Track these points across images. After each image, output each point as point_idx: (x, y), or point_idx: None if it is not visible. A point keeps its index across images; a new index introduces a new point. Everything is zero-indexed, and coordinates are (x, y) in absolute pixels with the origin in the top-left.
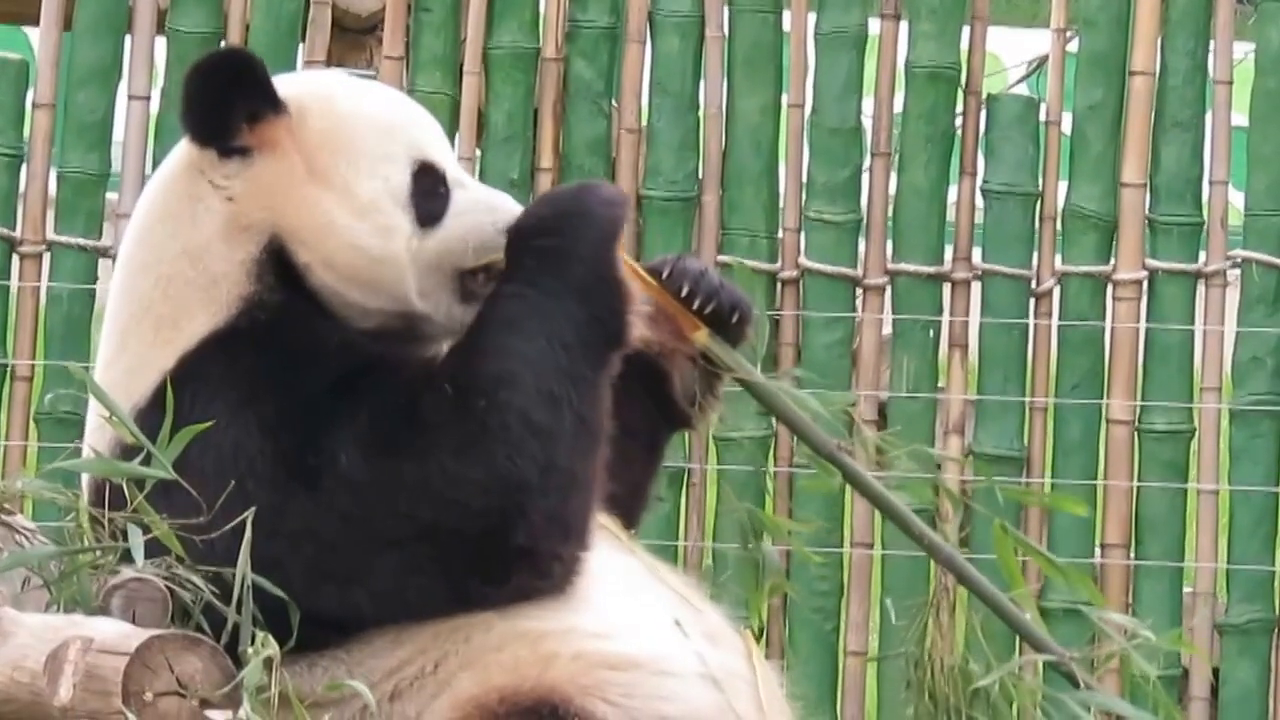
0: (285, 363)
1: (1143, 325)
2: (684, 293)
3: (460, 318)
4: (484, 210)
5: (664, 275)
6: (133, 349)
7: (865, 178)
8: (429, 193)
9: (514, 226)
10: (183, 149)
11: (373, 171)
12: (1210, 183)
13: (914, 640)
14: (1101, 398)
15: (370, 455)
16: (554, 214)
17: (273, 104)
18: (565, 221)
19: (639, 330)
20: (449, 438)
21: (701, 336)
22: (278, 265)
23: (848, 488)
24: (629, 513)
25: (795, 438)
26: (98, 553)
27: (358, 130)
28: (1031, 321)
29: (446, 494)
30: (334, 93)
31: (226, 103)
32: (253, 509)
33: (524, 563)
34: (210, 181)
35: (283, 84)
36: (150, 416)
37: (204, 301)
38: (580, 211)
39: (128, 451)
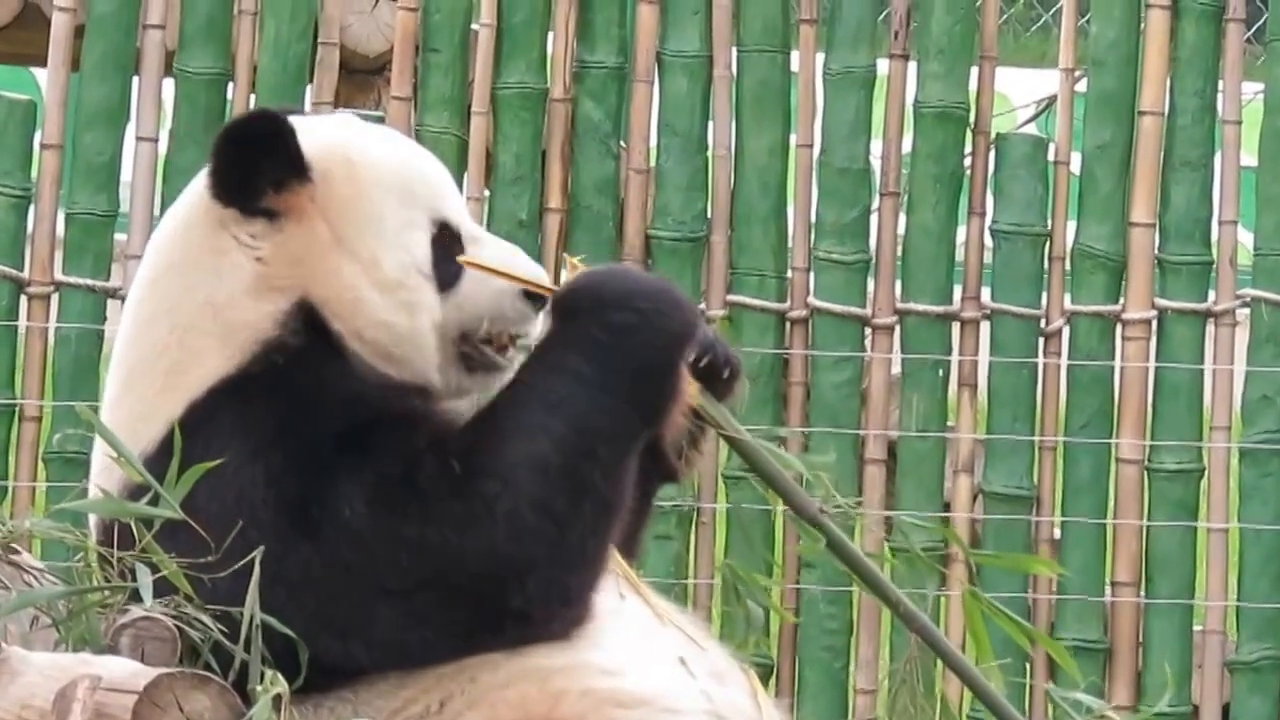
0: (295, 412)
1: (1152, 364)
2: None
3: (464, 386)
4: (499, 277)
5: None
6: (138, 393)
7: (874, 218)
8: (447, 256)
9: (577, 285)
10: (199, 197)
11: (397, 242)
12: (1219, 222)
13: (885, 708)
14: (1111, 437)
15: (373, 510)
16: (632, 290)
17: (299, 172)
18: (646, 302)
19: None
20: (450, 513)
21: (693, 391)
22: (308, 317)
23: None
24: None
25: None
26: (106, 592)
27: (380, 197)
28: (1041, 361)
29: (444, 557)
30: (356, 156)
31: (253, 166)
32: (261, 548)
33: (521, 622)
34: (234, 237)
35: (305, 142)
36: (159, 463)
37: (217, 348)
38: (665, 298)
39: (135, 492)
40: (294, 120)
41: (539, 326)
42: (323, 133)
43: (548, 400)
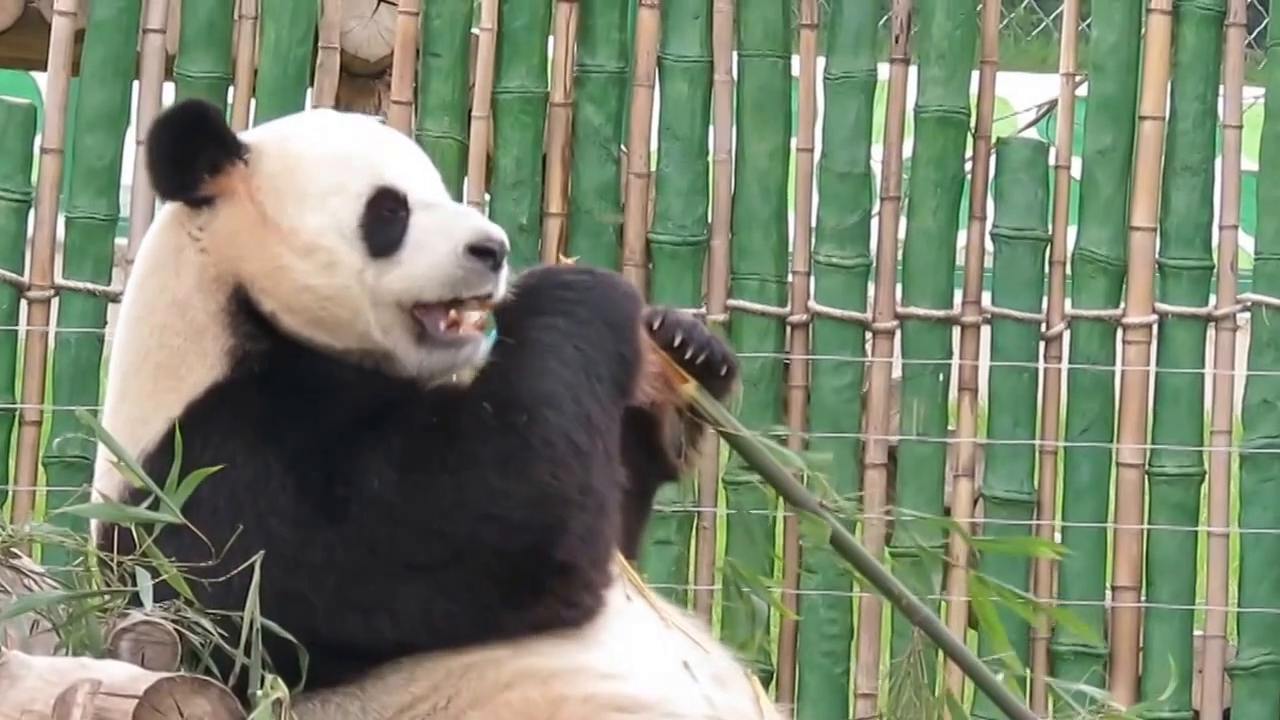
0: (298, 400)
1: (1153, 369)
2: (675, 344)
3: (420, 363)
4: (441, 237)
5: (655, 327)
6: (133, 398)
7: (875, 222)
8: (384, 220)
9: (542, 270)
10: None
11: (319, 207)
12: (1220, 227)
13: (889, 705)
14: (1112, 441)
15: (406, 473)
16: (585, 269)
17: (231, 152)
18: (599, 274)
19: (645, 389)
20: (491, 452)
21: (690, 388)
22: (249, 313)
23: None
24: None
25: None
26: (106, 596)
27: (307, 167)
28: (1041, 365)
29: (487, 509)
30: (292, 133)
31: (187, 155)
32: (262, 552)
33: (560, 580)
34: (189, 233)
35: (255, 130)
36: (160, 463)
37: (197, 353)
38: (612, 276)
39: (136, 496)
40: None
41: (500, 288)
42: (276, 123)
43: (539, 351)
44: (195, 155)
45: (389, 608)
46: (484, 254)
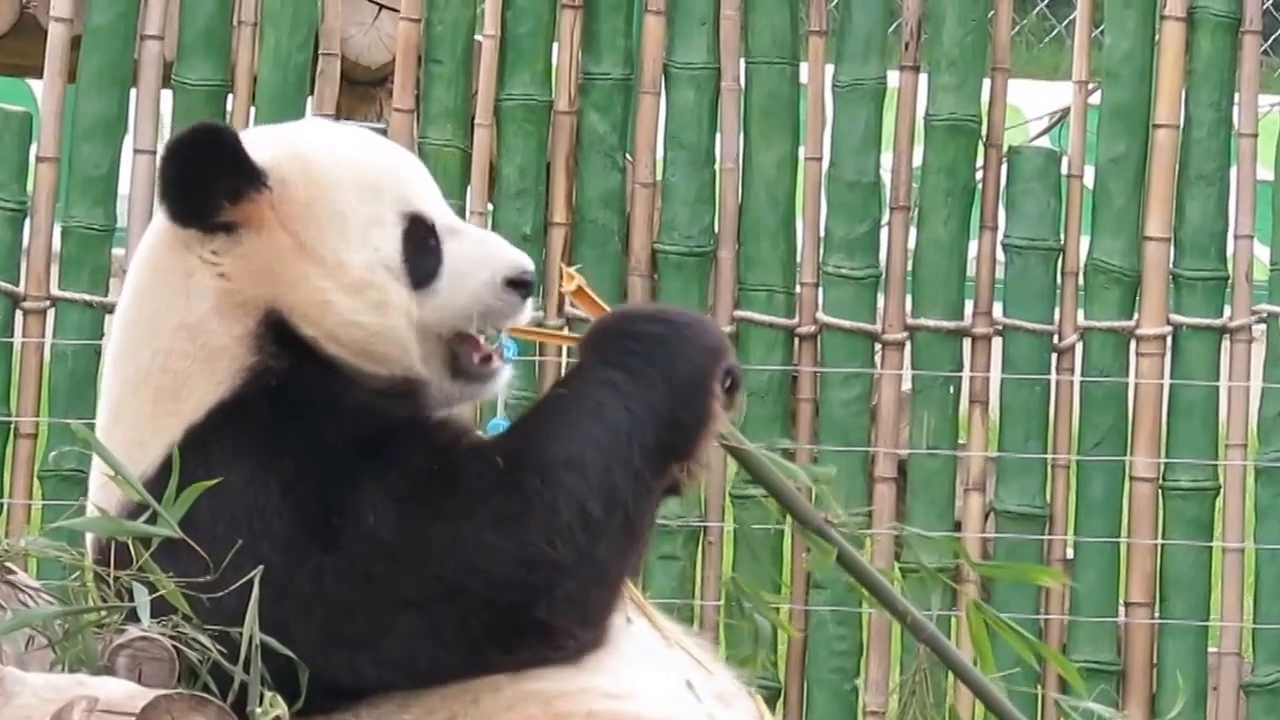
0: (303, 425)
1: (1167, 381)
2: None
3: (449, 393)
4: (480, 268)
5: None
6: (130, 420)
7: (884, 232)
8: (421, 249)
9: (618, 313)
10: (164, 220)
11: (363, 241)
12: (1235, 237)
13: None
14: (1125, 454)
15: (403, 511)
16: (663, 316)
17: (251, 179)
18: (676, 322)
19: (709, 449)
20: (488, 508)
21: None
22: (280, 335)
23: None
24: None
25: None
26: (103, 612)
27: (341, 195)
28: (1054, 377)
29: (475, 560)
30: (312, 156)
31: (204, 182)
32: (262, 566)
33: (539, 636)
34: (199, 257)
35: (257, 148)
36: (158, 488)
37: (206, 374)
38: (697, 320)
39: (133, 512)
40: (253, 130)
41: (528, 315)
42: (278, 137)
43: (585, 407)
44: (213, 180)
45: (375, 645)
46: (520, 285)
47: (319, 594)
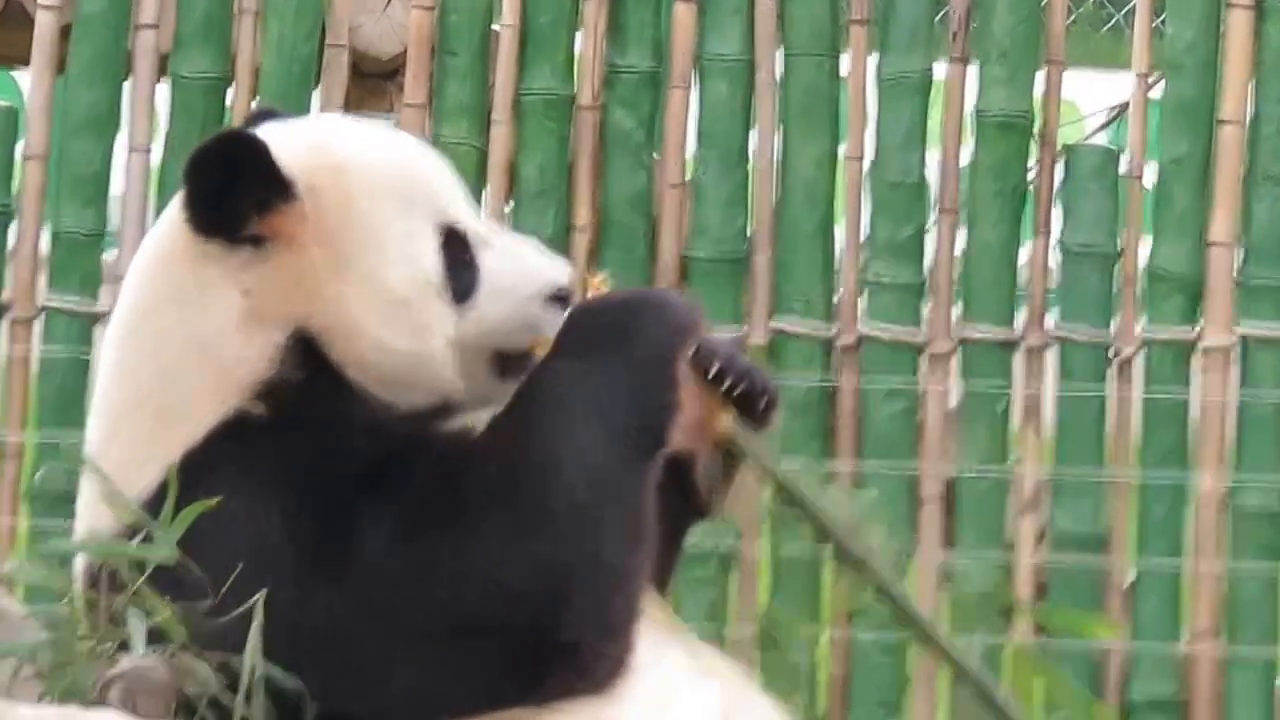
0: (306, 449)
1: (1233, 395)
2: (712, 373)
3: (497, 393)
4: (522, 281)
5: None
6: (125, 442)
7: (930, 235)
8: (458, 263)
9: (581, 304)
10: (179, 227)
11: (402, 255)
12: None
13: None
14: (1188, 473)
15: (404, 539)
16: (626, 295)
17: (281, 191)
18: (638, 301)
19: (681, 436)
20: (491, 519)
21: (726, 421)
22: (303, 352)
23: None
24: None
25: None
26: (95, 640)
27: (376, 206)
28: (1112, 391)
29: (486, 579)
30: (343, 162)
31: (232, 193)
32: (264, 591)
33: (565, 659)
34: (220, 271)
35: (282, 152)
36: (155, 509)
37: (212, 390)
38: (658, 300)
39: (126, 537)
40: (269, 129)
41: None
42: (303, 141)
43: (545, 396)
44: (241, 192)
45: (387, 682)
46: (561, 300)
47: (327, 629)
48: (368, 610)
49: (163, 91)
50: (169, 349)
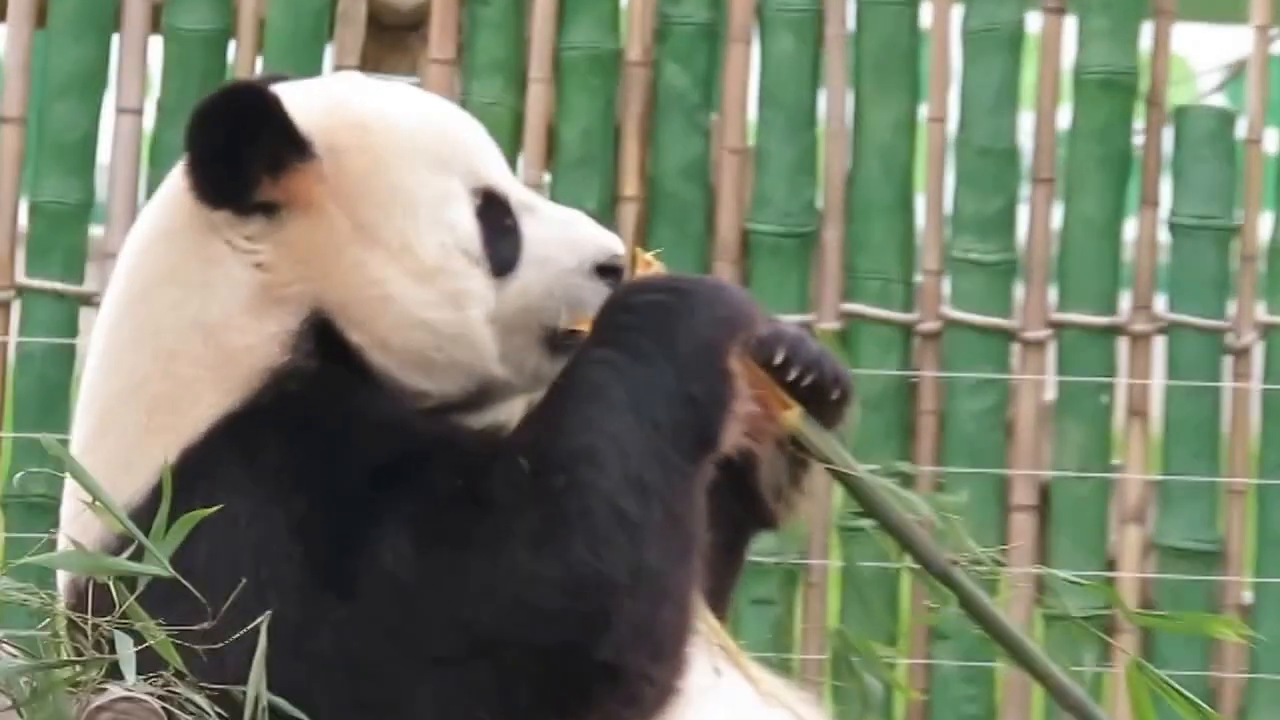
0: (318, 448)
1: None
2: (777, 362)
3: (546, 373)
4: (566, 253)
5: (750, 342)
6: (117, 437)
7: (1023, 209)
8: (497, 230)
9: (622, 287)
10: (182, 195)
11: (435, 219)
12: None
13: None
14: None
15: (423, 549)
16: (674, 277)
17: (298, 149)
18: (681, 288)
19: (736, 436)
20: (524, 526)
21: (792, 417)
22: (321, 336)
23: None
24: None
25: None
26: (78, 666)
27: (405, 166)
28: (1228, 384)
29: (515, 594)
30: (366, 119)
31: (240, 153)
32: (269, 612)
33: (607, 684)
34: (228, 242)
35: (300, 111)
36: (148, 515)
37: (215, 380)
38: (711, 284)
39: (115, 548)
40: (281, 88)
41: None
42: (320, 96)
43: (584, 390)
44: (250, 152)
45: (404, 706)
46: (611, 272)
47: (338, 651)
48: (383, 630)
49: (156, 46)
50: (167, 334)
